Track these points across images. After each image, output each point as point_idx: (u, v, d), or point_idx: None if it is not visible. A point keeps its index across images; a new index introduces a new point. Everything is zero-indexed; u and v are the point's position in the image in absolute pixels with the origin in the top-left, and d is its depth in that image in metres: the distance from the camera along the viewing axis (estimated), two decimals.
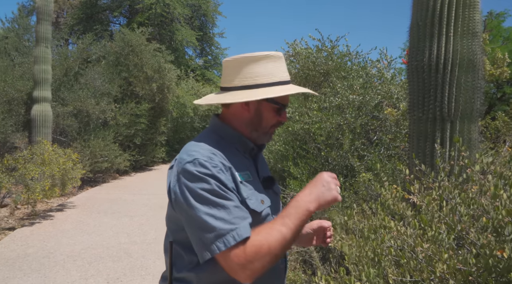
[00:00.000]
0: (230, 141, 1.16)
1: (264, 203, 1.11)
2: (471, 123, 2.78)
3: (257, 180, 1.15)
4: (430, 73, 2.81)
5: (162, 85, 12.80)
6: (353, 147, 4.88)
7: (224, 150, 1.09)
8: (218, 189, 0.98)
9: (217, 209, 0.96)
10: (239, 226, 0.94)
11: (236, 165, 1.08)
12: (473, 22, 2.79)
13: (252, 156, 1.21)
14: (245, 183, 1.08)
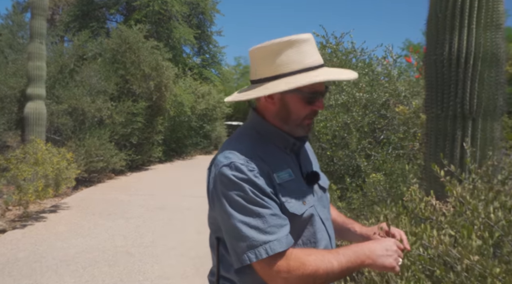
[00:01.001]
0: (269, 137, 1.10)
1: (306, 204, 1.06)
2: (494, 121, 2.60)
3: (299, 177, 1.09)
4: (450, 68, 2.63)
5: (160, 83, 12.57)
6: (360, 147, 4.70)
7: (262, 149, 1.05)
8: (254, 195, 0.95)
9: (252, 218, 0.94)
10: (275, 237, 0.92)
11: (276, 165, 1.04)
12: (497, 13, 2.61)
13: (295, 151, 1.13)
14: (285, 185, 1.02)
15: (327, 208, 1.20)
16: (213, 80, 24.49)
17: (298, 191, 1.05)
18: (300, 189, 1.07)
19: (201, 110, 18.48)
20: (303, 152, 1.19)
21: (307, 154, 1.22)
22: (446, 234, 1.37)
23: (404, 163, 3.95)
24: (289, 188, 1.03)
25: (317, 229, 1.09)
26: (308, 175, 1.12)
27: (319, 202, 1.14)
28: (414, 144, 4.17)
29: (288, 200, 1.01)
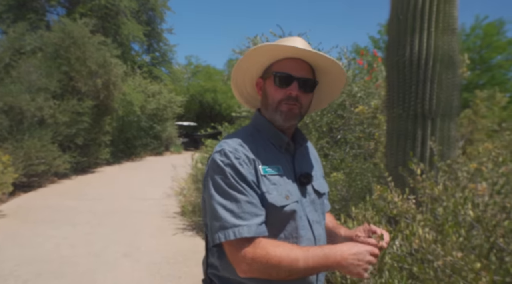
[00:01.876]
0: (265, 134, 1.16)
1: (290, 198, 1.09)
2: (451, 121, 2.72)
3: (291, 176, 1.13)
4: (412, 69, 2.70)
5: (107, 81, 11.93)
6: (318, 146, 4.75)
7: (255, 143, 1.11)
8: (235, 181, 1.02)
9: (229, 201, 1.01)
10: (245, 223, 0.98)
11: (265, 159, 1.09)
12: (453, 18, 2.73)
13: (290, 151, 1.18)
14: (269, 177, 1.07)
15: (320, 212, 1.22)
16: (163, 79, 23.82)
17: (283, 186, 1.09)
18: (286, 185, 1.10)
19: (151, 110, 17.88)
20: (302, 154, 1.23)
21: (307, 157, 1.26)
22: (430, 231, 1.36)
23: (362, 161, 4.04)
24: (273, 181, 1.08)
25: (300, 225, 1.12)
26: (301, 176, 1.15)
27: (311, 204, 1.17)
28: (370, 143, 4.29)
29: (269, 191, 1.06)
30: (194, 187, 6.65)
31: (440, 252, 1.27)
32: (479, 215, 1.33)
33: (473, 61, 14.01)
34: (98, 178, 11.44)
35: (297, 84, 1.11)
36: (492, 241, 1.44)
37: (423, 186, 1.69)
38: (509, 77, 14.60)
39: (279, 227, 1.09)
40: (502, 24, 14.07)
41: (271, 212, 1.06)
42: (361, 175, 3.99)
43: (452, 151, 2.73)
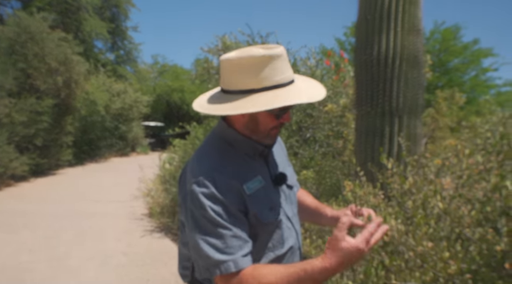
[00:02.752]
0: (238, 145, 1.14)
1: (275, 209, 1.11)
2: (416, 119, 2.81)
3: (268, 180, 1.14)
4: (379, 67, 2.77)
5: (69, 79, 11.44)
6: (287, 145, 4.78)
7: (231, 160, 1.09)
8: (217, 216, 0.99)
9: (213, 237, 0.98)
10: (231, 258, 0.97)
11: (245, 175, 1.08)
12: (417, 19, 2.83)
13: (264, 156, 1.18)
14: (255, 194, 1.07)
15: (294, 203, 1.25)
16: (128, 78, 23.18)
17: (268, 199, 1.11)
18: (269, 195, 1.12)
19: (116, 110, 17.34)
20: (271, 153, 1.23)
21: (276, 153, 1.27)
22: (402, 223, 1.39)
23: (331, 160, 4.11)
24: (260, 198, 1.08)
25: (284, 230, 1.14)
26: (276, 178, 1.16)
27: (287, 200, 1.19)
28: (339, 142, 4.37)
29: (260, 211, 1.06)
30: (162, 188, 6.50)
31: (412, 242, 1.30)
32: (446, 207, 1.37)
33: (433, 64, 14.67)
34: (60, 180, 10.94)
35: (289, 111, 1.13)
36: (459, 232, 1.49)
37: (392, 181, 1.73)
38: (465, 79, 15.43)
39: (266, 239, 1.11)
40: (458, 29, 14.87)
41: (264, 228, 1.09)
42: (330, 172, 4.05)
43: (418, 147, 2.83)
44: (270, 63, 1.04)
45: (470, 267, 1.36)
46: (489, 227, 1.40)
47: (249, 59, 1.03)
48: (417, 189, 1.53)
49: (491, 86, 15.35)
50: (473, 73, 15.38)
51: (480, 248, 1.37)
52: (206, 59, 5.89)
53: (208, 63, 5.83)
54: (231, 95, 1.07)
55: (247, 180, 1.07)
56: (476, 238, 1.40)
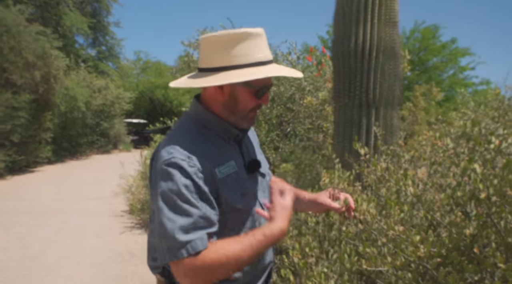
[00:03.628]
0: (212, 128, 1.11)
1: (247, 195, 1.09)
2: (393, 110, 2.83)
3: (242, 167, 1.12)
4: (356, 59, 2.78)
5: (48, 74, 11.14)
6: (268, 139, 4.77)
7: (205, 143, 1.07)
8: (188, 193, 0.95)
9: (180, 215, 0.94)
10: (195, 238, 0.92)
11: (218, 159, 1.05)
12: (394, 11, 2.84)
13: (238, 141, 1.16)
14: (227, 179, 1.05)
15: (267, 191, 1.21)
16: (110, 74, 22.78)
17: (240, 184, 1.08)
18: (242, 182, 1.09)
19: (98, 106, 17.00)
20: (246, 140, 1.21)
21: (249, 141, 1.24)
22: (373, 206, 1.39)
23: (311, 153, 4.11)
24: (231, 183, 1.05)
25: (257, 217, 1.13)
26: (250, 164, 1.14)
27: (260, 188, 1.17)
28: (319, 136, 4.38)
29: (231, 196, 1.04)
30: (143, 184, 6.41)
31: (383, 227, 1.30)
32: (418, 192, 1.38)
33: (413, 62, 14.93)
34: (38, 177, 10.66)
35: (267, 94, 1.12)
36: (431, 217, 1.50)
37: (368, 170, 1.73)
38: (444, 78, 15.75)
39: (238, 225, 1.09)
40: (437, 29, 15.15)
41: (236, 215, 1.06)
42: (310, 166, 4.06)
43: (395, 138, 2.85)
44: (248, 40, 1.03)
45: (440, 251, 1.37)
46: (458, 211, 1.41)
47: (226, 36, 1.02)
48: (389, 175, 1.53)
49: (468, 84, 15.72)
50: (452, 72, 15.73)
51: (450, 232, 1.38)
52: (187, 53, 5.82)
53: (188, 57, 5.76)
54: (208, 72, 1.07)
55: (219, 164, 1.04)
56: (447, 222, 1.41)
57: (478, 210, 1.35)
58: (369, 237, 1.48)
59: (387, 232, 1.29)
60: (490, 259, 1.20)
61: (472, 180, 1.26)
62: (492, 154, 1.48)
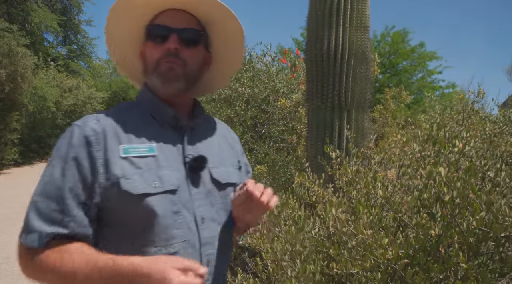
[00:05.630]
0: (148, 107, 0.97)
1: (159, 186, 0.85)
2: (364, 113, 2.89)
3: (174, 158, 0.92)
4: (329, 62, 2.82)
5: (14, 72, 10.70)
6: (243, 140, 4.76)
7: (127, 118, 0.92)
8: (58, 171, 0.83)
9: (42, 196, 0.83)
10: (39, 230, 0.80)
11: (133, 136, 0.89)
12: (365, 16, 2.91)
13: (179, 128, 0.97)
14: (132, 159, 0.86)
15: (220, 208, 0.97)
16: (82, 74, 22.14)
17: (153, 171, 0.86)
18: (159, 170, 0.87)
19: (68, 106, 16.47)
20: (200, 134, 1.01)
21: (208, 138, 1.03)
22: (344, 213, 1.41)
23: (285, 155, 4.14)
24: (138, 164, 0.86)
25: (174, 224, 0.86)
26: (191, 160, 0.92)
27: (205, 196, 0.94)
28: (293, 137, 4.41)
29: (127, 176, 0.83)
30: None
31: (353, 231, 1.32)
32: (387, 195, 1.41)
33: (384, 65, 15.34)
34: (2, 181, 10.20)
35: (176, 36, 0.93)
36: (399, 219, 1.53)
37: (339, 172, 1.75)
38: (413, 80, 16.27)
39: (143, 231, 0.84)
40: (406, 33, 15.64)
41: (130, 207, 0.83)
42: (284, 167, 4.08)
43: (366, 140, 2.90)
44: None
45: (408, 252, 1.40)
46: (424, 213, 1.45)
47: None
48: (360, 178, 1.56)
49: (436, 88, 16.29)
50: (420, 75, 16.27)
51: (416, 234, 1.42)
52: None
53: None
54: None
55: (132, 142, 0.88)
56: (414, 224, 1.44)
57: (443, 211, 1.40)
58: (340, 240, 1.50)
59: (357, 236, 1.31)
60: (454, 258, 1.24)
61: (437, 183, 1.30)
62: (456, 157, 1.53)
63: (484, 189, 1.42)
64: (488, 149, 1.73)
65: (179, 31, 0.93)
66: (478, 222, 1.19)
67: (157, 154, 0.88)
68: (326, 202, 1.74)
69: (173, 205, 0.87)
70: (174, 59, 0.92)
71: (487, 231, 1.21)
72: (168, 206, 0.86)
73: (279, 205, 1.87)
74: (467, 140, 1.64)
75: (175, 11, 0.97)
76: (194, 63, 0.96)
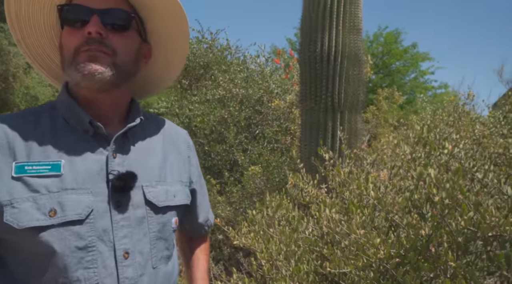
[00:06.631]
0: (62, 110, 0.78)
1: (58, 215, 0.67)
2: (357, 114, 2.93)
3: (91, 176, 0.73)
4: (322, 64, 2.85)
5: (6, 72, 10.63)
6: (237, 141, 4.79)
7: (34, 125, 0.74)
8: None
9: None
10: None
11: (37, 149, 0.71)
12: (358, 19, 2.95)
13: (103, 137, 0.78)
14: (28, 180, 0.68)
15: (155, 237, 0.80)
16: None
17: (54, 195, 0.69)
18: (65, 194, 0.70)
19: None
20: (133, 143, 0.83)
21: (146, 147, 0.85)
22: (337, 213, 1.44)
23: (279, 155, 4.18)
24: (35, 186, 0.68)
25: (79, 263, 0.69)
26: (115, 178, 0.74)
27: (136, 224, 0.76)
28: (287, 138, 4.45)
29: (15, 203, 0.66)
30: None
31: (346, 231, 1.35)
32: (379, 195, 1.44)
33: (377, 65, 15.47)
34: None
35: (98, 19, 0.74)
36: (390, 219, 1.57)
37: (332, 173, 1.79)
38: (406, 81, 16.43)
39: (42, 272, 0.68)
40: (399, 33, 15.78)
41: (20, 243, 0.68)
42: (278, 168, 4.11)
43: (359, 142, 2.94)
44: None
45: (399, 251, 1.44)
46: (415, 213, 1.49)
47: None
48: (352, 179, 1.59)
49: (428, 88, 16.47)
50: (413, 75, 16.43)
51: (407, 233, 1.46)
52: None
53: None
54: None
55: (29, 157, 0.70)
56: (405, 224, 1.48)
57: (433, 211, 1.44)
58: (333, 239, 1.53)
59: (350, 235, 1.34)
60: (443, 257, 1.28)
61: (427, 184, 1.34)
62: (446, 158, 1.58)
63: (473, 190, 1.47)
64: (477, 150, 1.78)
65: (102, 12, 0.74)
66: (466, 222, 1.23)
67: (63, 173, 0.70)
68: (320, 203, 1.78)
69: (78, 239, 0.69)
70: (98, 46, 0.74)
71: (475, 230, 1.25)
72: (70, 241, 0.68)
73: (273, 206, 1.90)
74: (457, 141, 1.69)
75: None
76: (126, 53, 0.78)
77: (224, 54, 6.21)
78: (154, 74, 0.95)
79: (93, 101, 0.79)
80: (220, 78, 5.38)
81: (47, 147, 0.72)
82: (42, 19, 0.83)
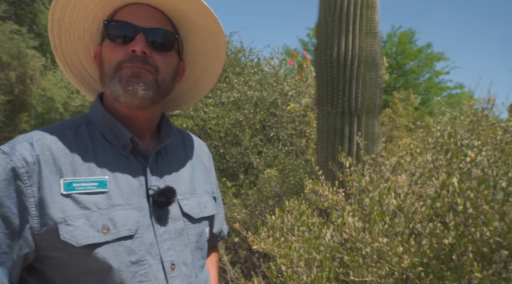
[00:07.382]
0: (100, 125, 0.79)
1: (112, 231, 0.69)
2: (374, 118, 2.92)
3: (134, 192, 0.75)
4: (339, 68, 2.85)
5: (23, 74, 10.84)
6: (252, 143, 4.81)
7: (74, 142, 0.73)
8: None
9: None
10: None
11: (82, 165, 0.71)
12: (374, 22, 2.94)
13: (140, 154, 0.80)
14: (77, 197, 0.68)
15: (194, 247, 0.82)
16: None
17: (104, 211, 0.70)
18: (113, 210, 0.71)
19: (76, 107, 16.57)
20: (168, 158, 0.85)
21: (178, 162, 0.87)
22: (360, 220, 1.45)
23: (294, 158, 4.18)
24: (85, 203, 0.69)
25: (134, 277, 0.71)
26: (156, 193, 0.76)
27: (177, 236, 0.78)
28: (302, 140, 4.45)
29: (69, 221, 0.66)
30: None
31: (368, 239, 1.35)
32: (400, 203, 1.44)
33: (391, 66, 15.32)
34: None
35: (143, 37, 0.75)
36: (412, 227, 1.57)
37: (351, 179, 1.79)
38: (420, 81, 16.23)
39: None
40: (413, 33, 15.59)
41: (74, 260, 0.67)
42: (294, 171, 4.12)
43: (376, 146, 2.94)
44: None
45: (422, 260, 1.44)
46: (438, 222, 1.49)
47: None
48: (373, 187, 1.60)
49: (443, 88, 16.24)
50: (428, 76, 16.22)
51: (430, 242, 1.45)
52: None
53: None
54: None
55: (76, 174, 0.70)
56: (427, 232, 1.48)
57: (456, 220, 1.43)
58: (353, 246, 1.54)
59: (372, 244, 1.35)
60: (467, 267, 1.27)
61: (450, 193, 1.34)
62: (468, 166, 1.57)
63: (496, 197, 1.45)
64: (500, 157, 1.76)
65: (147, 30, 0.75)
66: (492, 232, 1.22)
67: (109, 189, 0.72)
68: (340, 209, 1.78)
69: (131, 253, 0.70)
70: (142, 65, 0.75)
71: (500, 241, 1.24)
72: (124, 256, 0.69)
73: (293, 212, 1.91)
74: (479, 149, 1.67)
75: (140, 6, 0.78)
76: (166, 71, 0.79)
77: (238, 56, 6.23)
78: (182, 90, 0.97)
79: (130, 117, 0.80)
80: (235, 80, 5.41)
81: (90, 163, 0.73)
82: (83, 30, 0.85)
